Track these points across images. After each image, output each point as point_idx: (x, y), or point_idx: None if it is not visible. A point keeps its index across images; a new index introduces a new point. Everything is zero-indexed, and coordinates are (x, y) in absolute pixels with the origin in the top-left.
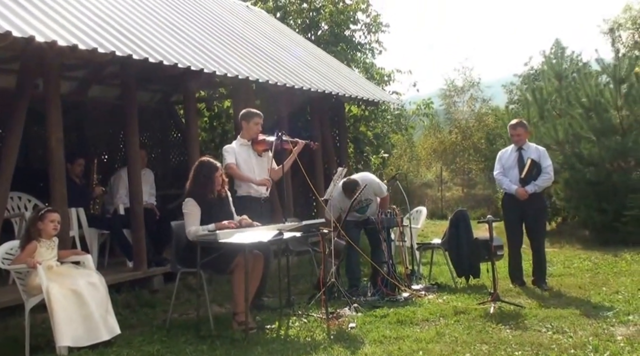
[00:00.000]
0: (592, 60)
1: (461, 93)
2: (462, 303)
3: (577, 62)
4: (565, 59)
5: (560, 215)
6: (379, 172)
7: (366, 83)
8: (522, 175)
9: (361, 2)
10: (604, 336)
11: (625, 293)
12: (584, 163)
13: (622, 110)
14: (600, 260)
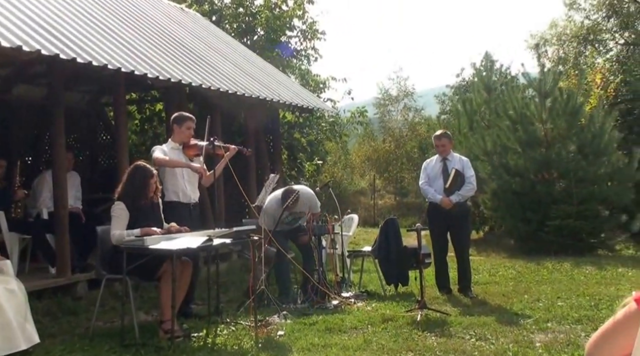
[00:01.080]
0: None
1: (395, 102)
2: (390, 311)
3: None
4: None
5: (488, 224)
6: (313, 178)
7: (301, 90)
8: (446, 185)
9: (297, 9)
10: (524, 343)
11: (546, 300)
12: (511, 174)
13: (546, 123)
14: (524, 268)
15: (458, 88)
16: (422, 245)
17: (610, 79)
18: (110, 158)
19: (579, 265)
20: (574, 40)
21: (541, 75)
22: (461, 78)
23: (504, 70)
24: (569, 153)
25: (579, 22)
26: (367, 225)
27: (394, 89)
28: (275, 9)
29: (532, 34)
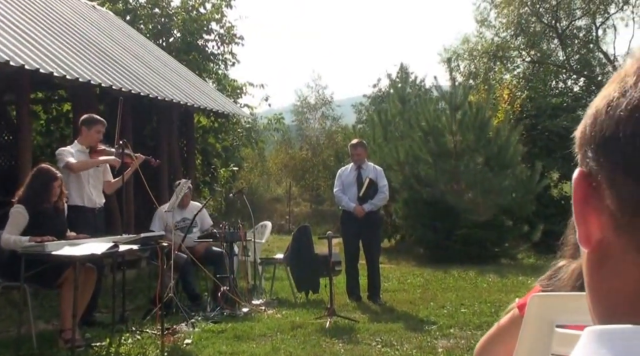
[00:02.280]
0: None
1: (313, 110)
2: (300, 318)
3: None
4: (410, 83)
5: (399, 233)
6: (228, 185)
7: (217, 94)
8: (360, 194)
9: (215, 12)
10: (427, 349)
11: (450, 307)
12: (422, 184)
13: (456, 135)
14: (432, 276)
15: (374, 98)
16: (334, 253)
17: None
18: (11, 159)
19: (483, 273)
20: (485, 56)
21: (452, 88)
22: (378, 88)
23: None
24: (476, 165)
25: (489, 38)
26: (282, 232)
27: (312, 97)
28: (193, 12)
29: (445, 48)
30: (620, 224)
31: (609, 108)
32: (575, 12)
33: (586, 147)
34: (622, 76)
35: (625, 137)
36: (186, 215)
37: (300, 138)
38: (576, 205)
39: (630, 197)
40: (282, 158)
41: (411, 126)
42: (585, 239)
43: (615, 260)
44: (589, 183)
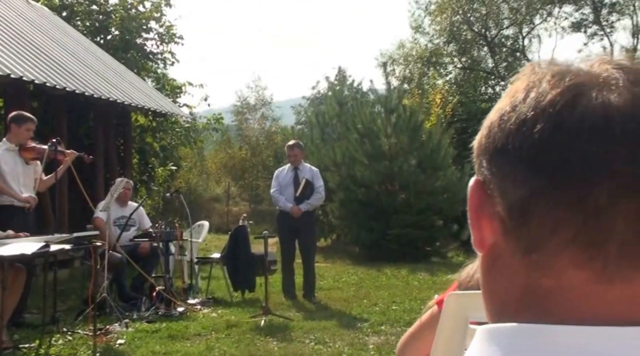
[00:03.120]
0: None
1: (253, 111)
2: (235, 317)
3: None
4: (347, 86)
5: (335, 232)
6: (167, 184)
7: (155, 93)
8: (297, 194)
9: (155, 11)
10: (359, 346)
11: (382, 305)
12: (357, 184)
13: (390, 137)
14: (365, 274)
15: (313, 100)
16: (270, 252)
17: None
18: None
19: (415, 271)
20: (419, 61)
21: (388, 92)
22: (316, 91)
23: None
24: (410, 167)
25: (423, 45)
26: (220, 231)
27: (252, 97)
28: (132, 10)
29: (381, 52)
30: (508, 229)
31: (501, 121)
32: (503, 22)
33: (481, 157)
34: (514, 91)
35: (514, 149)
36: (125, 213)
37: (239, 139)
38: (471, 211)
39: (516, 205)
40: (222, 158)
41: (348, 128)
42: (479, 243)
43: (504, 262)
44: (484, 191)
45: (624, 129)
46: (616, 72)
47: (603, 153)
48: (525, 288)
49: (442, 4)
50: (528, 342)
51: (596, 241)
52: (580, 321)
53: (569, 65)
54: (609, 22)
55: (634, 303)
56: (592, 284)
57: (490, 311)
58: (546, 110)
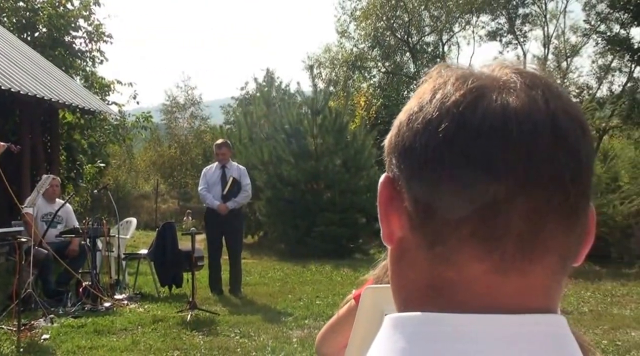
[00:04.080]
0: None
1: (182, 110)
2: (162, 312)
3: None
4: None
5: (262, 230)
6: (95, 181)
7: (83, 91)
8: (224, 192)
9: (83, 9)
10: (282, 339)
11: (306, 299)
12: (284, 183)
13: (317, 138)
14: (291, 270)
15: (242, 100)
16: (197, 248)
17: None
18: None
19: (338, 267)
20: (344, 65)
21: (314, 94)
22: (245, 91)
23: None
24: (335, 167)
25: (349, 49)
26: (149, 228)
27: (182, 97)
28: (60, 7)
29: (309, 55)
30: (415, 224)
31: (409, 121)
32: (424, 29)
33: (391, 155)
34: (421, 93)
35: (421, 147)
36: (53, 209)
37: (169, 137)
38: (381, 206)
39: (422, 201)
40: (151, 156)
41: (275, 128)
42: (388, 237)
43: (411, 255)
44: (393, 187)
45: (521, 130)
46: (514, 76)
47: (501, 152)
48: (430, 280)
49: (367, 10)
50: (431, 329)
51: (494, 235)
52: (479, 310)
53: (472, 69)
54: (522, 32)
55: (528, 293)
56: (490, 276)
57: (398, 302)
58: (450, 110)
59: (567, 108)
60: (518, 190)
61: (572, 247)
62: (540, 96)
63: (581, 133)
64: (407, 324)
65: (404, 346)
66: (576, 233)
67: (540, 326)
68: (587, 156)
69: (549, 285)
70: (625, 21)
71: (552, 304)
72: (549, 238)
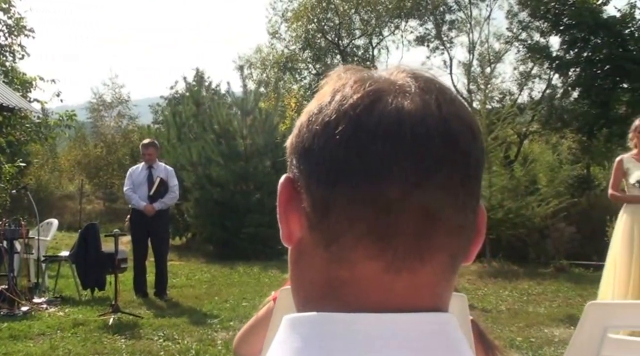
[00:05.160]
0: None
1: (109, 108)
2: (83, 316)
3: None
4: (205, 87)
5: (190, 231)
6: (15, 181)
7: (2, 87)
8: (150, 193)
9: (3, 2)
10: (207, 341)
11: (233, 301)
12: (213, 184)
13: (246, 138)
14: (219, 272)
15: (171, 100)
16: (120, 250)
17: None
18: None
19: (266, 269)
20: (275, 66)
21: (244, 94)
22: (175, 90)
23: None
24: (264, 168)
25: (280, 50)
26: (72, 230)
27: (109, 95)
28: None
29: (240, 56)
30: (312, 224)
31: (309, 122)
32: (355, 32)
33: (292, 156)
34: (322, 95)
35: (319, 148)
36: None
37: (95, 136)
38: (280, 207)
39: (319, 201)
40: (76, 156)
41: (205, 128)
42: (288, 237)
43: (308, 255)
44: (293, 187)
45: (414, 133)
46: (410, 80)
47: (394, 154)
48: (326, 280)
49: (298, 12)
50: (325, 329)
51: (387, 235)
52: (373, 309)
53: (372, 72)
54: (449, 38)
55: (418, 291)
56: (382, 274)
57: (297, 301)
58: (347, 113)
59: (459, 113)
60: (410, 191)
61: (461, 246)
62: (433, 101)
63: (472, 137)
64: (303, 324)
65: (300, 346)
66: (465, 233)
67: (429, 324)
68: (476, 159)
69: (438, 283)
70: (544, 30)
71: (441, 302)
72: (439, 238)
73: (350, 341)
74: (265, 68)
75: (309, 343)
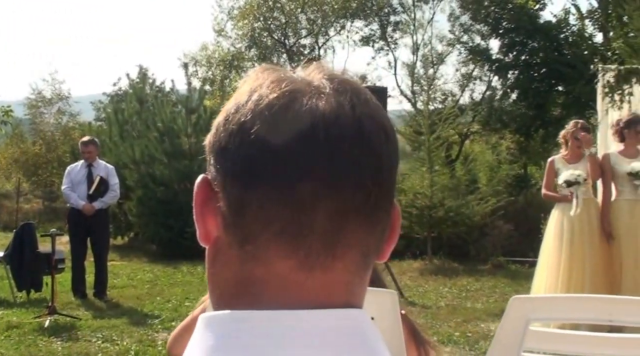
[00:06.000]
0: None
1: (49, 105)
2: (18, 318)
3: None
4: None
5: (133, 230)
6: None
7: None
8: (90, 191)
9: None
10: (147, 342)
11: (175, 301)
12: (156, 183)
13: (191, 137)
14: (161, 272)
15: (114, 97)
16: (58, 250)
17: None
18: None
19: None
20: (221, 64)
21: (189, 92)
22: (117, 87)
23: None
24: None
25: (226, 48)
26: (8, 229)
27: (48, 91)
28: None
29: (185, 53)
30: (228, 224)
31: (226, 122)
32: (301, 32)
33: (210, 155)
34: (239, 94)
35: (235, 148)
36: None
37: (33, 133)
38: (197, 207)
39: (234, 200)
40: (12, 153)
41: (148, 126)
42: (204, 237)
43: (224, 254)
44: (210, 187)
45: (327, 133)
46: (326, 81)
47: (308, 154)
48: (240, 278)
49: (244, 10)
50: (238, 327)
51: (300, 234)
52: (285, 307)
53: (289, 72)
54: (393, 39)
55: (331, 289)
56: (295, 272)
57: (212, 301)
58: (263, 112)
59: (372, 114)
60: (323, 190)
61: (373, 245)
62: (347, 102)
63: (385, 138)
64: (216, 323)
65: (212, 344)
66: (378, 231)
67: (340, 320)
68: (389, 159)
69: (351, 281)
70: (485, 33)
71: (354, 299)
72: (351, 236)
73: (262, 338)
74: (210, 66)
75: (221, 342)
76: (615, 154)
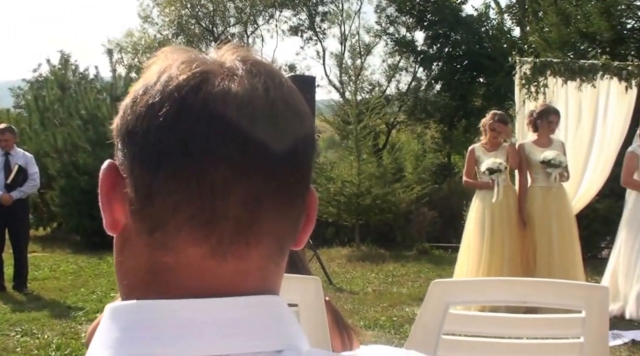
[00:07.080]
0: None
1: None
2: None
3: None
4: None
5: (56, 221)
6: None
7: None
8: (8, 181)
9: None
10: (70, 334)
11: (100, 292)
12: (80, 172)
13: None
14: (86, 263)
15: (34, 83)
16: None
17: None
18: None
19: None
20: (148, 51)
21: (114, 79)
22: (38, 73)
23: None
24: None
25: (152, 35)
26: None
27: None
28: None
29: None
30: (136, 210)
31: (133, 104)
32: (229, 20)
33: (117, 139)
34: (148, 75)
35: (142, 131)
36: None
37: None
38: (102, 194)
39: (142, 186)
40: None
41: (71, 114)
42: (112, 225)
43: (132, 242)
44: (117, 173)
45: (239, 116)
46: (239, 62)
47: (219, 137)
48: (149, 267)
49: None
50: (145, 317)
51: (212, 220)
52: (196, 295)
53: (200, 53)
54: (321, 29)
55: (244, 276)
56: (207, 260)
57: (121, 291)
58: (172, 94)
59: (287, 98)
60: (235, 176)
61: (289, 231)
62: (261, 84)
63: (299, 123)
64: (122, 313)
65: (117, 336)
66: (292, 218)
67: (254, 307)
68: (304, 145)
69: (265, 267)
70: (410, 25)
71: (269, 285)
72: (265, 222)
73: (170, 328)
74: (136, 53)
75: (126, 333)
76: (530, 144)
